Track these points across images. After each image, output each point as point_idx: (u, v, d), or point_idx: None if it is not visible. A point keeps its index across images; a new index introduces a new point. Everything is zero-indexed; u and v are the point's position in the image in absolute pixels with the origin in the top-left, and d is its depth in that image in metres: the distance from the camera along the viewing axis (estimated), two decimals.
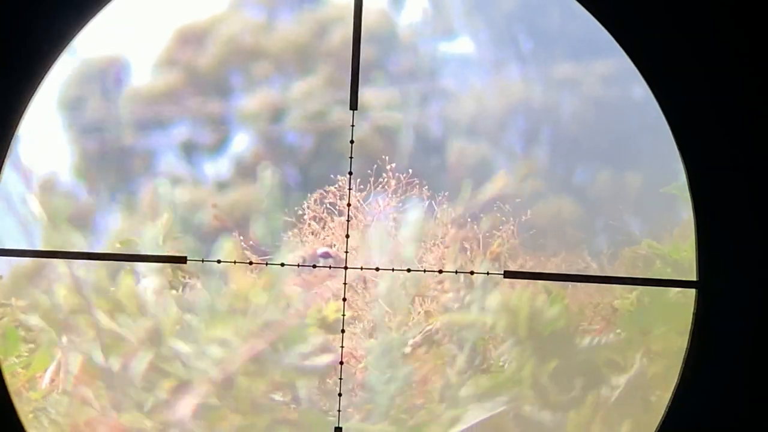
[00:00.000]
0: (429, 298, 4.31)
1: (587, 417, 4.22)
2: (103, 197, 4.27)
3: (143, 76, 4.32)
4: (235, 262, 4.15)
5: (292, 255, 4.26)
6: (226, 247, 4.26)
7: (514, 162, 4.38)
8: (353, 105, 4.15)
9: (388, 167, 4.29)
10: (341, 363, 4.15)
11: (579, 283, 4.31)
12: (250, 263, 4.16)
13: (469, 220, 4.34)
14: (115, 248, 4.25)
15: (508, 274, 4.18)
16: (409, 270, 4.20)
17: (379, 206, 4.29)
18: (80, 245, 4.21)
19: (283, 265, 4.17)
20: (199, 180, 4.32)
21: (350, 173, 4.16)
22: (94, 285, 4.20)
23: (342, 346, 4.15)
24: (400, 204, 4.32)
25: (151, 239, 4.20)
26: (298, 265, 4.17)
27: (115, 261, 4.19)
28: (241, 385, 4.19)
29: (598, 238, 4.37)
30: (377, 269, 4.21)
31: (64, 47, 4.01)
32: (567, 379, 4.24)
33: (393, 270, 4.21)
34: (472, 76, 4.41)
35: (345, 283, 4.13)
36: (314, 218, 4.30)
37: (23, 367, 4.18)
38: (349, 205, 4.15)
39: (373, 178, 4.31)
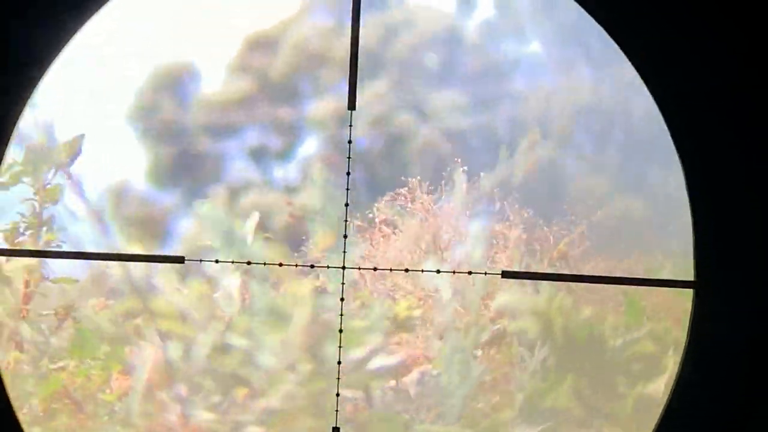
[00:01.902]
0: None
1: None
2: (178, 202, 4.31)
3: (214, 83, 4.36)
4: (233, 262, 4.15)
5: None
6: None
7: (584, 163, 4.35)
8: (351, 105, 4.13)
9: (461, 170, 4.28)
10: (339, 363, 4.10)
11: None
12: (248, 263, 4.14)
13: (540, 221, 4.31)
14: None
15: (506, 274, 4.13)
16: (407, 270, 4.18)
17: (450, 208, 4.28)
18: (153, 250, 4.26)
19: (281, 265, 4.14)
20: (269, 184, 4.35)
21: (348, 174, 4.12)
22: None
23: (340, 346, 4.10)
24: (470, 206, 4.31)
25: (240, 240, 4.23)
26: (296, 266, 4.15)
27: (114, 261, 4.18)
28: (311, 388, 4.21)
29: (672, 240, 4.33)
30: (375, 269, 4.21)
31: (61, 48, 4.00)
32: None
33: (391, 270, 4.21)
34: (541, 77, 4.40)
35: (343, 283, 4.10)
36: (384, 222, 4.30)
37: (100, 370, 4.22)
38: (347, 205, 4.11)
39: (444, 182, 4.31)
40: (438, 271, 4.18)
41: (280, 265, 4.16)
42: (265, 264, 4.15)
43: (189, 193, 4.33)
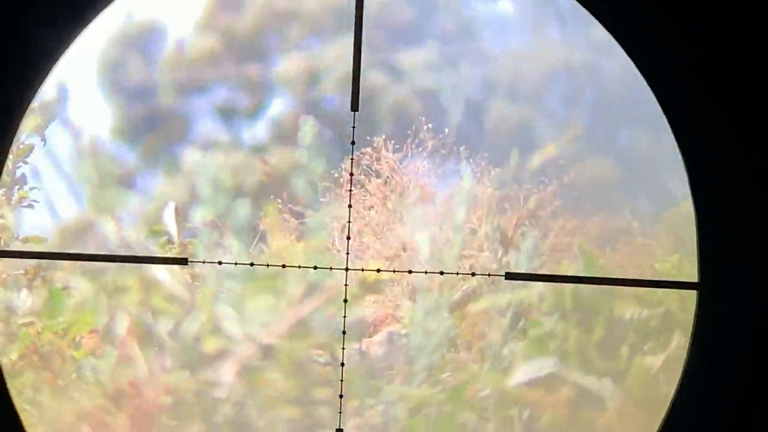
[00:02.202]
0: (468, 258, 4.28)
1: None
2: (145, 160, 4.31)
3: (182, 39, 4.34)
4: (236, 264, 4.14)
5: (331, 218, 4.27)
6: (269, 212, 4.27)
7: (554, 124, 4.32)
8: (354, 106, 4.11)
9: (425, 128, 4.26)
10: (342, 364, 4.11)
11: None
12: (251, 264, 4.14)
13: (509, 180, 4.29)
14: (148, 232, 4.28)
15: (509, 276, 4.13)
16: (410, 272, 4.17)
17: (417, 168, 4.26)
18: (128, 205, 4.26)
19: (283, 266, 4.14)
20: (237, 144, 4.34)
21: (351, 174, 4.13)
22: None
23: (343, 348, 4.11)
24: (438, 165, 4.29)
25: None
26: (299, 267, 4.15)
27: (116, 263, 4.19)
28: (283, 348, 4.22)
29: (640, 200, 4.30)
30: (378, 270, 4.18)
31: (63, 51, 4.04)
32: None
33: (394, 272, 4.18)
34: (512, 38, 4.36)
35: (346, 285, 4.10)
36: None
37: (67, 327, 4.24)
38: (350, 206, 4.12)
39: (410, 140, 4.29)
40: (441, 273, 4.17)
41: (283, 266, 4.16)
42: (268, 266, 4.16)
43: (156, 151, 4.32)
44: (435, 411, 4.19)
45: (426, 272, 4.17)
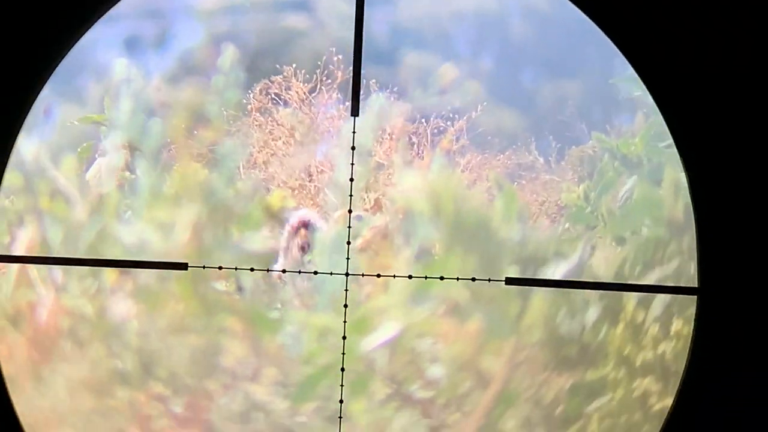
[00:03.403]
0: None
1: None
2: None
3: None
4: (236, 269, 4.11)
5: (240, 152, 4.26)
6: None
7: (461, 64, 4.36)
8: (354, 112, 4.12)
9: (335, 59, 4.27)
10: (342, 369, 4.10)
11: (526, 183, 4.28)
12: (251, 270, 4.12)
13: (418, 115, 4.31)
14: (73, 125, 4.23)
15: (509, 281, 4.13)
16: (410, 276, 4.14)
17: (326, 98, 4.27)
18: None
19: (284, 271, 4.16)
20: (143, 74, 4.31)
21: (351, 180, 4.10)
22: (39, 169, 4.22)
23: (343, 353, 4.10)
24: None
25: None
26: (299, 272, 4.15)
27: (111, 267, 4.15)
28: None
29: (547, 138, 4.35)
30: (378, 276, 4.15)
31: (64, 53, 4.03)
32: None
33: (395, 276, 4.14)
34: None
35: (346, 290, 4.09)
36: (259, 110, 4.28)
37: None
38: (350, 211, 4.11)
39: (320, 70, 4.30)
40: (441, 278, 4.15)
41: (284, 271, 4.16)
42: (268, 270, 4.14)
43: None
44: None
45: (426, 277, 4.15)
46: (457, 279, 4.14)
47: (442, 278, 4.14)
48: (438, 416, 4.20)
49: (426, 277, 4.15)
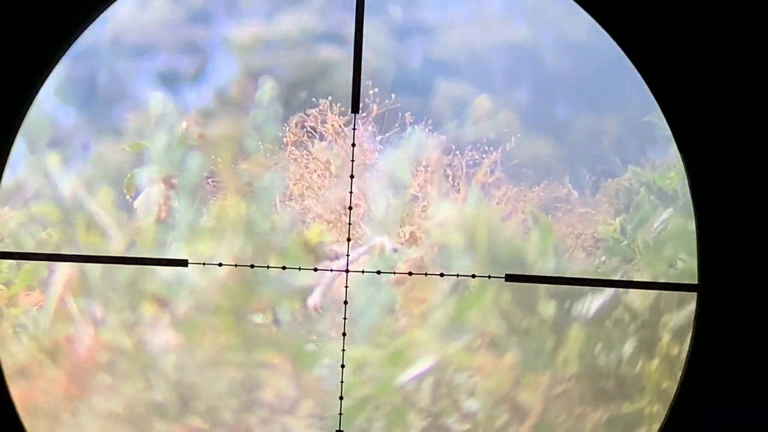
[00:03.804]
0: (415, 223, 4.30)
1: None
2: (87, 121, 4.29)
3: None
4: (236, 266, 4.13)
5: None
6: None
7: (495, 96, 4.37)
8: (355, 108, 4.14)
9: (371, 92, 4.28)
10: (342, 366, 4.12)
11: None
12: (251, 266, 4.14)
13: (452, 147, 4.32)
14: (125, 151, 4.25)
15: (509, 278, 4.15)
16: (410, 273, 4.16)
17: (361, 131, 4.28)
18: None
19: (284, 268, 4.16)
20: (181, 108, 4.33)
21: (352, 176, 4.14)
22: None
23: (343, 350, 4.12)
24: (383, 130, 4.31)
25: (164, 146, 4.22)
26: (299, 269, 4.15)
27: (117, 264, 4.17)
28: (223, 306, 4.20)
29: (581, 171, 4.36)
30: (378, 272, 4.17)
31: (62, 54, 4.06)
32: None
33: (395, 273, 4.17)
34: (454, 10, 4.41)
35: (346, 287, 4.11)
36: (295, 143, 4.30)
37: (4, 284, 4.20)
38: (350, 208, 4.13)
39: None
40: (441, 275, 4.17)
41: (284, 268, 4.15)
42: (268, 267, 4.15)
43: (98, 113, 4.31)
44: None
45: (426, 274, 4.16)
46: (457, 276, 4.14)
47: (442, 275, 4.15)
48: None
49: (426, 274, 4.15)
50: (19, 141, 4.12)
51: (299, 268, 4.15)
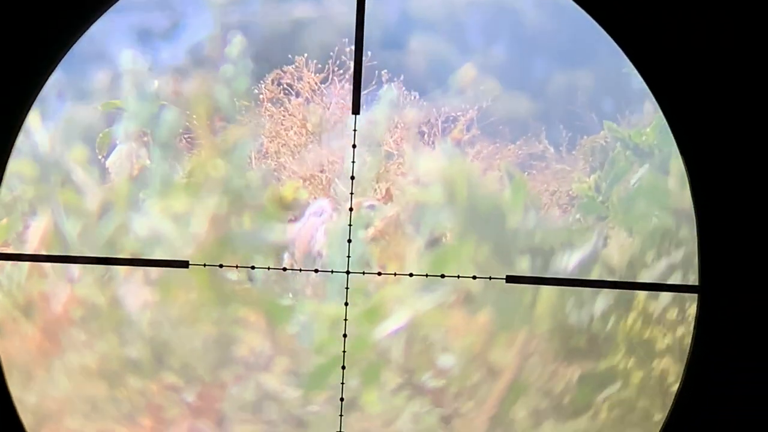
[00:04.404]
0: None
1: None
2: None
3: None
4: (237, 267, 4.12)
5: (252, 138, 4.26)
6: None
7: (473, 56, 4.35)
8: (355, 109, 4.13)
9: (347, 50, 4.27)
10: (343, 367, 4.12)
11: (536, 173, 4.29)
12: (252, 267, 4.12)
13: (426, 104, 4.31)
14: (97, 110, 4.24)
15: (510, 279, 4.14)
16: (411, 275, 4.15)
17: (338, 89, 4.27)
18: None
19: (284, 269, 4.15)
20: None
21: (352, 178, 4.12)
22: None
23: (344, 351, 4.11)
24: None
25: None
26: (300, 270, 4.15)
27: (114, 265, 4.15)
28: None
29: (557, 128, 4.35)
30: (379, 273, 4.15)
31: (64, 53, 4.05)
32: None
33: (395, 274, 4.15)
34: None
35: (347, 288, 4.10)
36: (271, 100, 4.28)
37: None
38: (351, 209, 4.12)
39: (332, 61, 4.29)
40: (442, 276, 4.15)
41: (284, 269, 4.14)
42: (269, 268, 4.14)
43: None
44: None
45: (427, 275, 4.15)
46: (458, 277, 4.12)
47: (443, 276, 4.13)
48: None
49: (427, 275, 4.13)
50: None
51: (300, 270, 4.15)
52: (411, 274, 4.15)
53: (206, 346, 4.17)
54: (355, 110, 4.12)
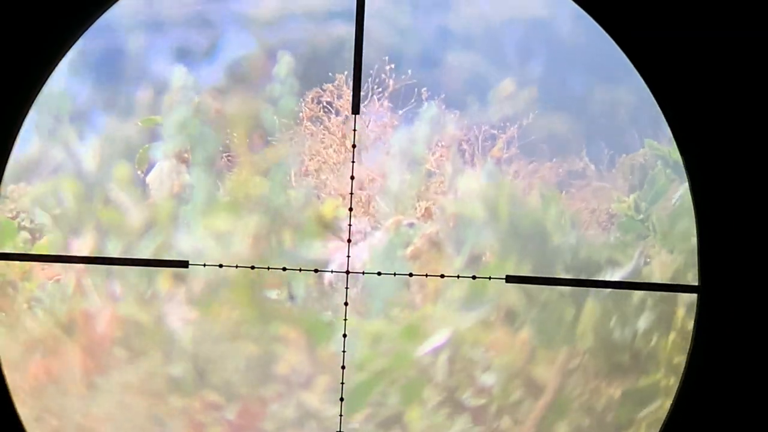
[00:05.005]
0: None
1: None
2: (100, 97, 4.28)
3: None
4: (237, 267, 4.12)
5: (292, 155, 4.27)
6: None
7: (510, 73, 4.36)
8: (355, 109, 4.13)
9: (387, 68, 4.27)
10: (343, 367, 4.12)
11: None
12: (252, 267, 4.12)
13: (466, 123, 4.31)
14: (137, 127, 4.24)
15: (509, 279, 4.14)
16: (411, 275, 4.15)
17: (377, 106, 4.27)
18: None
19: (284, 269, 4.15)
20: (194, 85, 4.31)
21: (352, 177, 4.13)
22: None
23: (344, 351, 4.11)
24: (398, 106, 4.30)
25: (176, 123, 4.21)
26: (300, 270, 4.14)
27: (117, 266, 4.16)
28: (238, 280, 4.20)
29: (597, 145, 4.35)
30: (379, 273, 4.16)
31: (64, 53, 4.04)
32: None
33: (395, 275, 4.15)
34: None
35: (347, 288, 4.10)
36: (311, 118, 4.29)
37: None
38: (351, 209, 4.12)
39: (371, 79, 4.30)
40: (442, 276, 4.15)
41: (284, 269, 4.15)
42: (269, 268, 4.14)
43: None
44: None
45: (426, 275, 4.15)
46: (458, 277, 4.12)
47: (442, 276, 4.14)
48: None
49: (426, 275, 4.14)
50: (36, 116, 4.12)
51: (300, 269, 4.13)
52: (410, 274, 4.15)
53: (248, 364, 4.17)
54: (355, 110, 4.10)
